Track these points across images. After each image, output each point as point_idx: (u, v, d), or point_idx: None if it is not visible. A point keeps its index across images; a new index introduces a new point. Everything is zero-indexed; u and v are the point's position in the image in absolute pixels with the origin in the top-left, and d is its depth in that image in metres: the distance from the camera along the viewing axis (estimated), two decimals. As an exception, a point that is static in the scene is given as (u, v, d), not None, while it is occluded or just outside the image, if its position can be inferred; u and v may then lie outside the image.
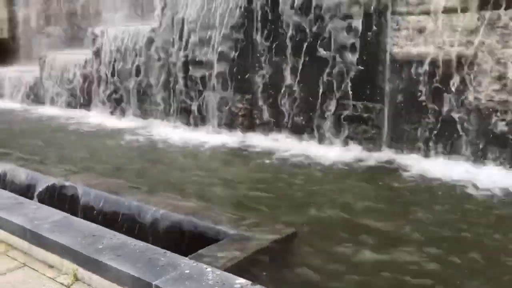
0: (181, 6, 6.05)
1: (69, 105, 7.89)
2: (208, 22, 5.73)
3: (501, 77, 3.95)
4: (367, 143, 4.72)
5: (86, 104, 7.60)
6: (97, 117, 7.07)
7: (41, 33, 10.15)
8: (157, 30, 6.34)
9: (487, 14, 3.94)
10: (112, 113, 7.09)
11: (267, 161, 4.64)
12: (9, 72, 9.61)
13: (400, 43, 4.42)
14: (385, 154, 4.60)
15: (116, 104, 7.07)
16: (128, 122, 6.68)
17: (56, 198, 3.77)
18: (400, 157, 4.50)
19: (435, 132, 4.34)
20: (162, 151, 5.26)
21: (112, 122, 6.75)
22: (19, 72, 9.30)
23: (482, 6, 3.96)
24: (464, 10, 4.05)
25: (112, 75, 7.06)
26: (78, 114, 7.44)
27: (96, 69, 7.33)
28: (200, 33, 5.81)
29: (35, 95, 8.65)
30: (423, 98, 4.37)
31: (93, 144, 5.75)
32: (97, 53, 7.29)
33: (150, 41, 6.45)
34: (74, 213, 3.17)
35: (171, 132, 5.90)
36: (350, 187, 3.88)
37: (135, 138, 5.84)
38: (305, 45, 4.93)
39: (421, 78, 4.34)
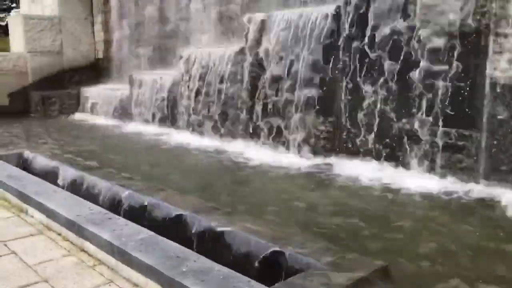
0: (268, 28, 6.09)
1: (155, 122, 8.21)
2: (295, 44, 5.70)
3: None
4: (462, 174, 4.37)
5: (171, 122, 7.88)
6: (181, 135, 7.28)
7: (132, 54, 10.74)
8: (244, 52, 6.42)
9: None
10: (195, 132, 7.27)
11: (351, 188, 4.44)
12: (103, 90, 10.27)
13: (502, 67, 4.08)
14: (481, 187, 4.23)
15: (200, 123, 7.23)
16: (211, 141, 6.79)
17: (140, 214, 3.86)
18: (498, 191, 4.11)
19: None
20: (244, 171, 5.25)
21: (195, 140, 6.91)
22: (111, 90, 9.87)
23: None
24: None
25: (197, 95, 7.24)
26: (164, 131, 7.71)
27: (182, 88, 7.58)
28: (287, 55, 5.80)
29: (124, 112, 9.12)
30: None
31: (176, 161, 5.90)
32: (183, 73, 7.53)
33: (236, 62, 6.55)
34: (157, 230, 3.19)
35: (254, 153, 5.89)
36: (443, 222, 3.57)
37: (217, 157, 5.92)
38: (396, 68, 4.73)
39: (525, 104, 3.97)
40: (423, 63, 4.53)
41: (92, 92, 10.42)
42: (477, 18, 4.16)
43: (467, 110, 4.33)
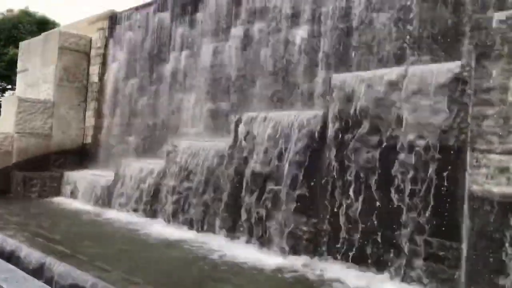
0: (254, 127, 6.32)
1: (137, 211, 8.10)
2: (279, 143, 5.89)
3: None
4: (443, 285, 4.32)
5: (152, 212, 7.80)
6: (161, 227, 7.16)
7: (121, 141, 10.90)
8: (230, 149, 6.58)
9: None
10: (177, 224, 7.17)
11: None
12: (86, 174, 10.23)
13: (480, 181, 4.23)
14: (463, 299, 4.17)
15: (180, 215, 7.16)
16: (190, 234, 6.69)
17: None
18: (480, 304, 4.06)
19: (518, 279, 3.92)
20: (223, 269, 5.11)
21: (174, 233, 6.78)
22: (95, 176, 9.84)
23: None
24: (551, 153, 3.88)
25: (180, 186, 7.26)
26: (143, 222, 7.58)
27: (165, 179, 7.61)
28: (272, 153, 5.96)
29: (106, 199, 9.02)
30: (505, 241, 4.03)
31: (151, 254, 5.73)
32: (170, 164, 7.61)
33: (223, 157, 6.68)
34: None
35: (235, 250, 5.79)
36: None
37: (195, 252, 5.78)
38: (374, 178, 4.88)
39: (502, 219, 4.05)
40: (403, 175, 4.69)
41: (75, 176, 10.36)
42: (456, 134, 4.41)
43: (448, 221, 4.40)
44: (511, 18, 4.11)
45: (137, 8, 11.14)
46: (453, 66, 4.58)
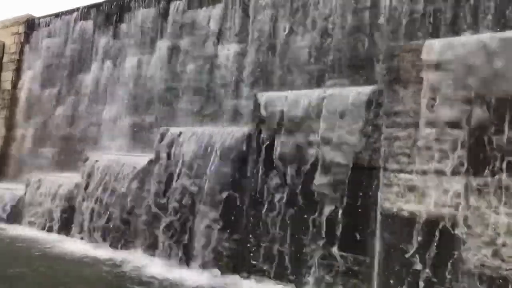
0: (178, 142, 6.24)
1: (48, 228, 7.63)
2: (204, 159, 5.86)
3: (491, 242, 3.94)
4: (358, 299, 4.50)
5: (66, 229, 7.37)
6: (75, 244, 6.78)
7: (35, 153, 10.27)
8: (153, 163, 6.43)
9: (475, 179, 4.07)
10: (91, 241, 6.84)
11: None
12: (-7, 188, 9.47)
13: (391, 199, 4.49)
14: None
15: (97, 232, 6.85)
16: (107, 252, 6.39)
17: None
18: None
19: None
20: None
21: (90, 251, 6.46)
22: (3, 190, 9.13)
23: (470, 171, 4.12)
24: (453, 173, 4.19)
25: (97, 202, 6.96)
26: (56, 239, 7.14)
27: (82, 194, 7.26)
28: (195, 168, 5.90)
29: (15, 214, 8.39)
30: (412, 255, 4.29)
31: (64, 272, 5.40)
32: (86, 179, 7.28)
33: (145, 173, 6.51)
34: None
35: (153, 268, 5.61)
36: None
37: (111, 270, 5.54)
38: (293, 190, 5.01)
39: (411, 234, 4.31)
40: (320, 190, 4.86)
41: (-20, 190, 9.55)
42: (369, 153, 4.66)
43: (361, 236, 4.60)
44: (419, 47, 4.45)
45: (57, 15, 10.65)
46: (368, 90, 4.85)
